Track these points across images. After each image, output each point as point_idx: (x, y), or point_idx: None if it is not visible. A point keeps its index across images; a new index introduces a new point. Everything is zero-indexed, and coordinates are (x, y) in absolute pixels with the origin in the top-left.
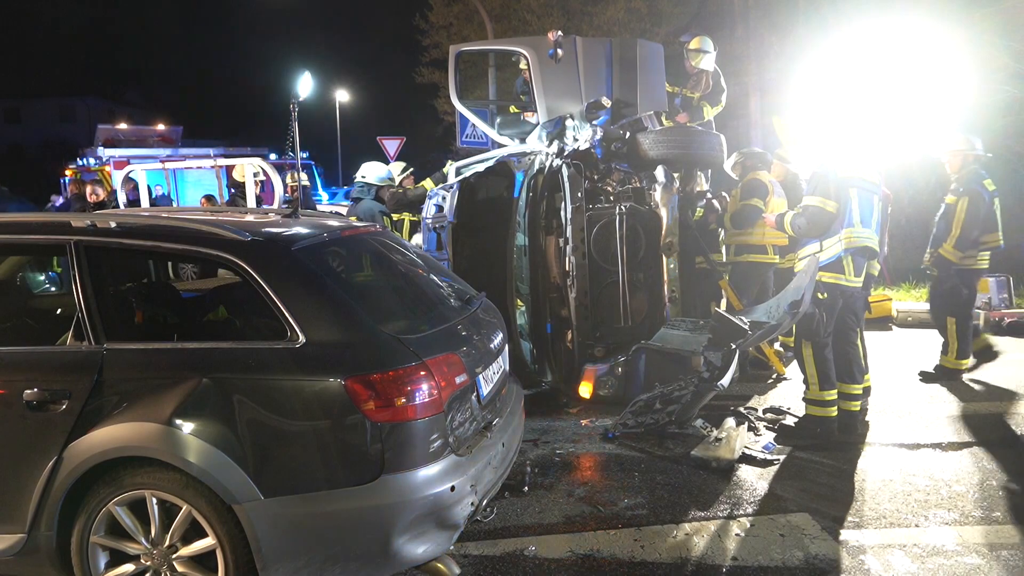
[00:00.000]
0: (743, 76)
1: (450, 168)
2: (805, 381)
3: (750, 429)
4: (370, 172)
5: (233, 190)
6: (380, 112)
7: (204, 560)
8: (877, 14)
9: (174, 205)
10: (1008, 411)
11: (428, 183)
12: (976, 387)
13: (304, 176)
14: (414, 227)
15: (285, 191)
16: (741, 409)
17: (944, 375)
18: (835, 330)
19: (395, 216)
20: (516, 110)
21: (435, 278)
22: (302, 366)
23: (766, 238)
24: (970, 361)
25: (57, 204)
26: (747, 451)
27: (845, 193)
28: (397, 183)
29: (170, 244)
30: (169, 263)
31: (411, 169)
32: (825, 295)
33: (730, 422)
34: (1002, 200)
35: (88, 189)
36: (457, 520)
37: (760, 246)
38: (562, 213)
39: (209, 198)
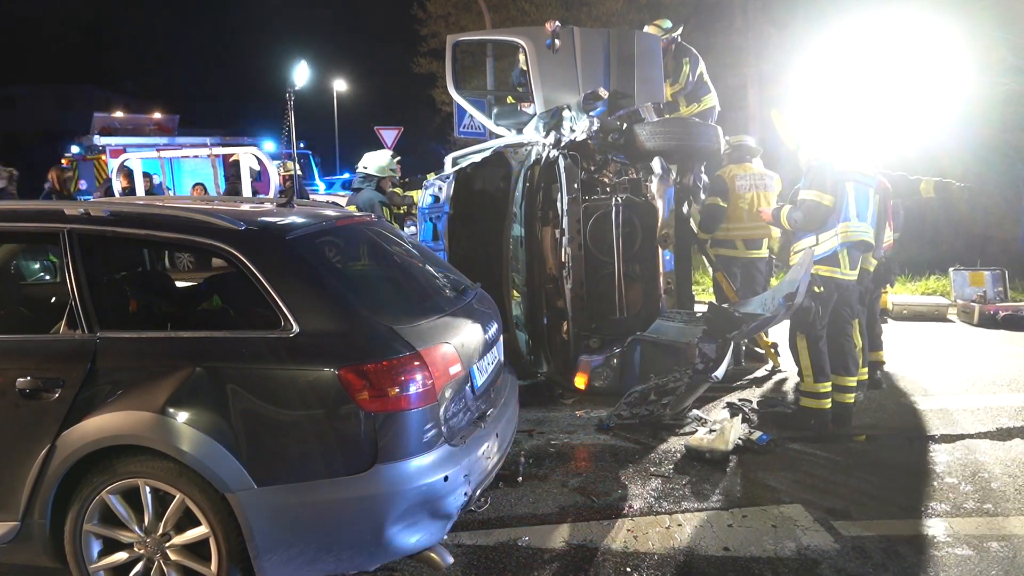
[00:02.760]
0: (742, 68)
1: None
2: (800, 373)
3: (744, 421)
4: (371, 162)
5: (229, 177)
6: (377, 101)
7: (198, 548)
8: (876, 6)
9: (169, 194)
10: (1002, 404)
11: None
12: (971, 380)
13: (295, 165)
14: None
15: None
16: (736, 400)
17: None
18: (830, 323)
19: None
20: (513, 100)
21: (430, 269)
22: (296, 356)
23: (731, 232)
24: None
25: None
26: (741, 442)
27: (841, 187)
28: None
29: (164, 233)
30: (165, 252)
31: (398, 158)
32: (822, 288)
33: (725, 413)
34: (1000, 192)
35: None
36: (450, 510)
37: (727, 240)
38: (558, 204)
39: (201, 186)
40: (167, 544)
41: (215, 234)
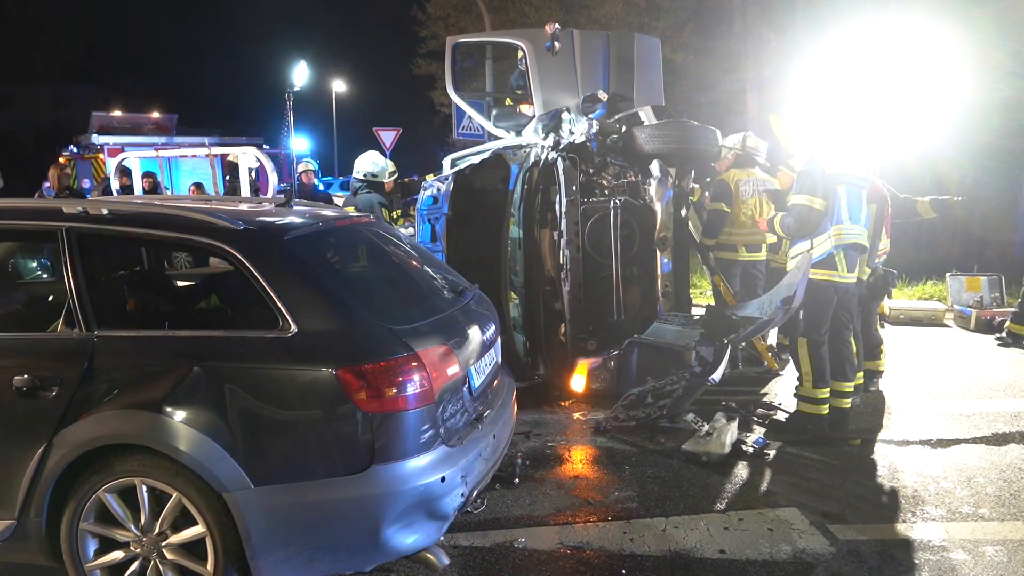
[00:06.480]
0: (740, 72)
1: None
2: (799, 377)
3: (741, 424)
4: (370, 164)
5: (228, 176)
6: (376, 103)
7: (194, 548)
8: (874, 11)
9: (167, 193)
10: (997, 409)
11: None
12: (966, 385)
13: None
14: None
15: (285, 179)
16: (732, 404)
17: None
18: (829, 327)
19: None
20: (512, 102)
21: (429, 270)
22: (294, 355)
23: (733, 237)
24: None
25: (46, 190)
26: (738, 446)
27: (833, 190)
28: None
29: (162, 232)
30: (164, 251)
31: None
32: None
33: (721, 417)
34: (999, 197)
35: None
36: (447, 511)
37: (729, 245)
38: (557, 206)
39: (198, 186)
40: (163, 543)
41: (214, 233)
